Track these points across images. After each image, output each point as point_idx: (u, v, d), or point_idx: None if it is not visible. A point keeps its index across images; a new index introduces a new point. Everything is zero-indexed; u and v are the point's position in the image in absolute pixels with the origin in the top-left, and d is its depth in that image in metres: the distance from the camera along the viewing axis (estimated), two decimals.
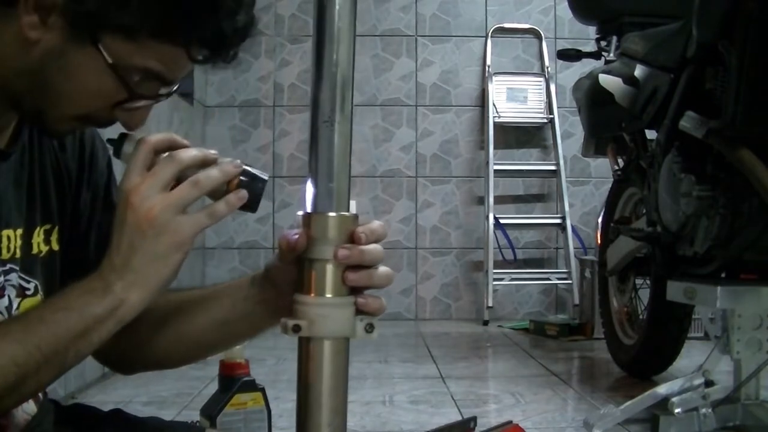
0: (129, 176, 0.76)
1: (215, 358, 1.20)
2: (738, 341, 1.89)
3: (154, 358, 0.97)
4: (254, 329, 0.92)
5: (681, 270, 2.12)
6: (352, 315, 0.76)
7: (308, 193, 0.75)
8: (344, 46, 0.75)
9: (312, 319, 0.74)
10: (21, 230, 0.83)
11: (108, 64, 0.74)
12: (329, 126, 0.74)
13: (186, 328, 0.93)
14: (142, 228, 0.74)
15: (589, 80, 2.66)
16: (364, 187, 4.28)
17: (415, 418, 2.14)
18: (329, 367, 0.75)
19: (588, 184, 4.32)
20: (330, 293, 0.75)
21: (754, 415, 1.86)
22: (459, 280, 4.29)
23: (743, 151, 1.75)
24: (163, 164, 0.76)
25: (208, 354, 0.98)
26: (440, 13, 4.34)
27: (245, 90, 4.27)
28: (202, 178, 0.76)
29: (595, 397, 2.36)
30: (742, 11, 1.72)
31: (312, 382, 0.75)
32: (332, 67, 0.76)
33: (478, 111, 4.33)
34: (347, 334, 0.76)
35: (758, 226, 1.84)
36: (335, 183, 0.74)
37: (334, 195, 0.74)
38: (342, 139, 0.75)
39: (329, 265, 0.74)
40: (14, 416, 0.84)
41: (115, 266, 0.75)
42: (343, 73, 0.75)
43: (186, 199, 0.75)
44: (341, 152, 0.75)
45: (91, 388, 2.43)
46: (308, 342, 0.74)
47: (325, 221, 0.74)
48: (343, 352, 0.76)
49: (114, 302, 0.75)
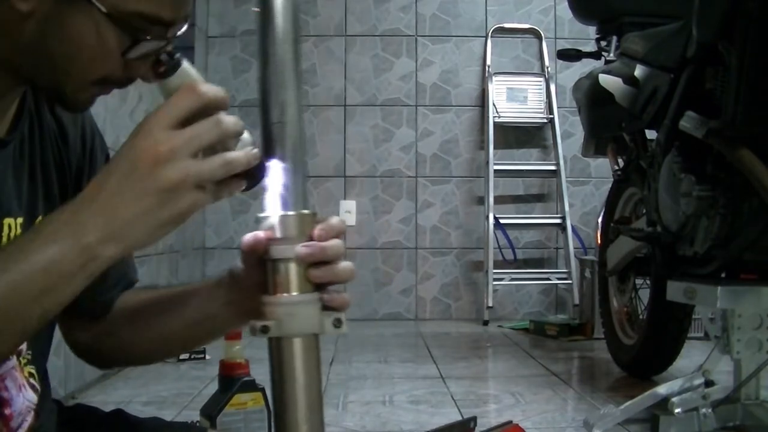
0: (166, 116, 0.67)
1: (215, 358, 1.20)
2: (738, 341, 1.89)
3: (127, 354, 0.98)
4: (223, 330, 0.92)
5: (681, 270, 2.12)
6: (318, 311, 0.76)
7: (265, 194, 0.75)
8: (288, 47, 0.75)
9: (279, 319, 0.74)
10: (21, 219, 0.82)
11: (103, 14, 0.71)
12: (279, 127, 0.75)
13: (157, 326, 0.93)
14: (157, 184, 0.66)
15: (589, 80, 2.66)
16: (364, 187, 4.28)
17: (415, 418, 2.14)
18: (301, 364, 0.75)
19: (588, 184, 4.32)
20: (295, 291, 0.75)
21: (754, 415, 1.86)
22: (459, 280, 4.29)
23: (743, 151, 1.75)
24: (209, 127, 0.68)
25: (178, 352, 1.00)
26: (440, 13, 4.35)
27: (245, 90, 4.26)
28: (232, 160, 0.69)
29: (595, 397, 2.36)
30: (742, 11, 1.72)
31: (285, 381, 0.75)
32: (277, 69, 0.75)
33: (478, 111, 4.33)
34: (315, 330, 0.76)
35: (758, 226, 1.84)
36: (290, 182, 0.75)
37: (291, 194, 0.75)
38: (292, 140, 0.75)
39: (292, 264, 0.75)
40: (16, 401, 0.84)
41: (98, 208, 0.66)
42: (289, 74, 0.76)
43: (212, 177, 0.69)
44: (293, 152, 0.75)
45: (91, 389, 2.43)
46: (278, 342, 0.75)
47: (284, 221, 0.75)
48: (314, 349, 0.76)
49: (86, 256, 0.66)
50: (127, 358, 1.00)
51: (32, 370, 0.88)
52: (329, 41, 4.31)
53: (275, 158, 0.75)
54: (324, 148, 4.28)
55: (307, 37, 4.28)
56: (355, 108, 4.31)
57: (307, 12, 4.29)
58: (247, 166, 0.71)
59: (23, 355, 0.86)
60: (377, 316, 4.20)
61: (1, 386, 0.82)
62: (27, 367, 0.87)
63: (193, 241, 3.94)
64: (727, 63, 1.80)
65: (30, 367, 0.88)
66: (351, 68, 4.32)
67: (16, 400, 0.83)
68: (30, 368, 0.88)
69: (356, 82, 4.32)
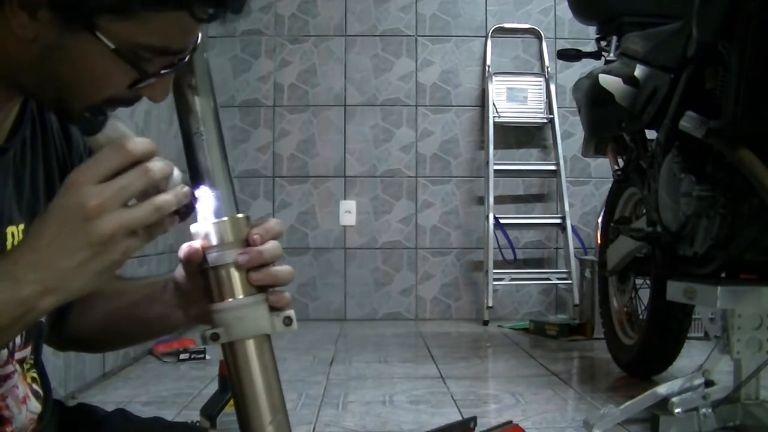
0: (94, 172, 0.68)
1: (215, 358, 1.20)
2: (738, 341, 1.89)
3: (80, 338, 0.97)
4: (173, 329, 0.92)
5: (681, 270, 2.12)
6: (266, 311, 0.76)
7: (196, 204, 0.75)
8: (198, 60, 0.77)
9: (228, 324, 0.75)
10: (23, 226, 0.82)
11: (110, 49, 0.70)
12: (199, 137, 0.77)
13: (110, 317, 0.94)
14: (90, 239, 0.66)
15: (589, 80, 2.66)
16: (364, 187, 4.28)
17: (415, 418, 2.14)
18: (257, 365, 0.76)
19: (588, 184, 4.32)
20: (240, 295, 0.75)
21: (754, 415, 1.86)
22: (459, 280, 4.29)
23: (743, 151, 1.75)
24: (136, 176, 0.68)
25: (129, 345, 0.99)
26: (440, 13, 4.34)
27: (245, 90, 4.27)
28: (163, 204, 0.69)
29: (595, 397, 2.36)
30: (742, 11, 1.72)
31: (244, 384, 0.76)
32: (188, 82, 0.77)
33: (478, 111, 4.33)
34: (266, 330, 0.76)
35: (758, 226, 1.84)
36: (218, 189, 0.76)
37: (220, 200, 0.76)
38: (213, 147, 0.77)
39: (232, 268, 0.75)
40: (18, 419, 0.83)
41: (35, 262, 0.66)
42: (200, 86, 0.77)
43: (144, 224, 0.69)
44: (216, 159, 0.77)
45: (91, 389, 2.43)
46: (231, 347, 0.76)
47: (218, 227, 0.75)
48: (267, 349, 0.77)
49: (24, 309, 0.66)
50: (79, 342, 1.00)
51: (35, 374, 0.88)
52: (329, 41, 4.31)
53: (204, 183, 0.76)
54: (324, 148, 4.28)
55: (307, 37, 4.28)
56: (355, 108, 4.31)
57: (307, 12, 4.29)
58: (178, 205, 0.71)
59: (27, 360, 0.86)
60: (377, 316, 4.20)
61: (2, 405, 0.81)
62: (30, 372, 0.87)
63: None
64: (727, 63, 1.80)
65: (33, 372, 0.88)
66: (351, 68, 4.32)
67: (17, 417, 0.83)
68: (33, 373, 0.88)
69: (356, 82, 4.32)
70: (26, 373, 0.86)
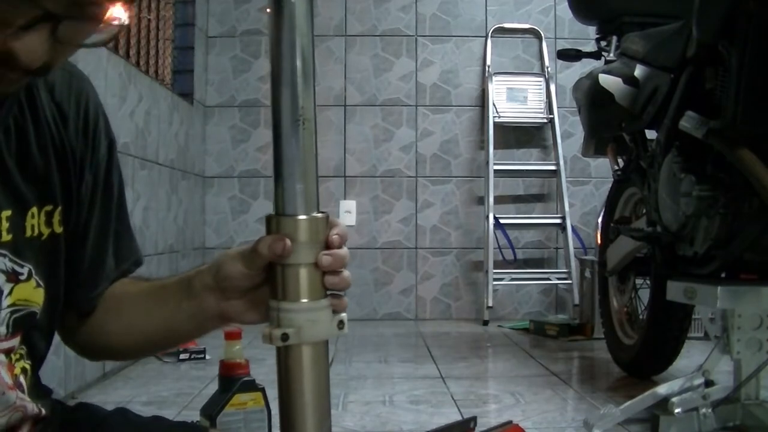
0: None
1: (215, 358, 1.20)
2: (738, 341, 1.89)
3: (111, 347, 0.97)
4: (200, 332, 0.91)
5: (681, 270, 2.12)
6: (331, 315, 0.75)
7: (276, 196, 0.73)
8: (305, 44, 0.72)
9: (300, 326, 0.72)
10: (9, 212, 0.81)
11: None
12: (300, 126, 0.72)
13: (137, 321, 0.93)
14: None
15: (589, 80, 2.66)
16: (364, 187, 4.28)
17: (415, 418, 2.14)
18: (313, 371, 0.74)
19: (588, 184, 4.32)
20: (310, 297, 0.73)
21: (754, 415, 1.86)
22: (459, 280, 4.29)
23: (743, 151, 1.75)
24: None
25: (158, 350, 0.98)
26: (440, 13, 4.35)
27: (245, 90, 4.27)
28: None
29: (595, 397, 2.36)
30: (742, 11, 1.72)
31: (297, 390, 0.73)
32: (294, 66, 0.71)
33: (478, 111, 4.33)
34: (331, 335, 0.75)
35: (758, 226, 1.84)
36: (304, 184, 0.73)
37: (305, 197, 0.73)
38: (310, 139, 0.73)
39: (307, 269, 0.73)
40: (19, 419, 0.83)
41: None
42: (306, 71, 0.72)
43: None
44: (310, 153, 0.73)
45: (91, 389, 2.43)
46: (294, 349, 0.73)
47: (304, 225, 0.73)
48: (325, 355, 0.75)
49: None
50: (110, 351, 0.99)
51: (26, 365, 0.87)
52: (329, 41, 4.31)
53: (293, 176, 0.73)
54: (324, 148, 4.28)
55: None
56: (355, 108, 4.31)
57: None
58: None
59: (16, 350, 0.84)
60: (377, 316, 4.20)
61: None
62: (20, 362, 0.85)
63: (193, 241, 3.94)
64: (727, 63, 1.80)
65: (24, 363, 0.86)
66: (351, 68, 4.32)
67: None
68: (24, 363, 0.86)
69: (356, 82, 4.32)
70: (14, 364, 0.84)
